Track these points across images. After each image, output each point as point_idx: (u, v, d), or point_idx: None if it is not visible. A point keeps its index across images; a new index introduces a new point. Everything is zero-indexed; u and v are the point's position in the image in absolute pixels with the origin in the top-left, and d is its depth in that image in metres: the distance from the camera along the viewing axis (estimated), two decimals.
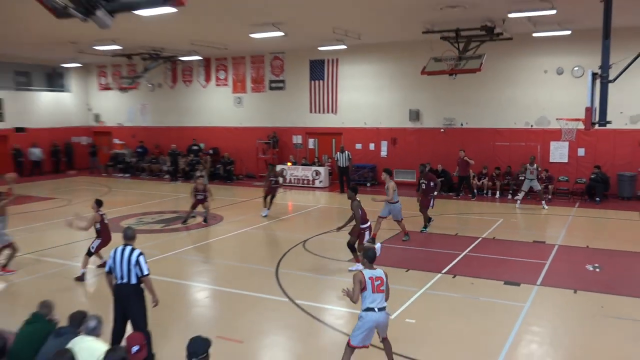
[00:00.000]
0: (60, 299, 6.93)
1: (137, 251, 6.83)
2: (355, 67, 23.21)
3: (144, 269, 6.75)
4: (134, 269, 6.72)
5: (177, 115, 28.00)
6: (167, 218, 16.45)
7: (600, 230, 15.00)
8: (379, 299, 6.30)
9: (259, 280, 10.41)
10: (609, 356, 7.08)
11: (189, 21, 16.15)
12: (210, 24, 16.93)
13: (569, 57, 19.30)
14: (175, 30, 17.82)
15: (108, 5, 5.46)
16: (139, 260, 6.74)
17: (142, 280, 6.79)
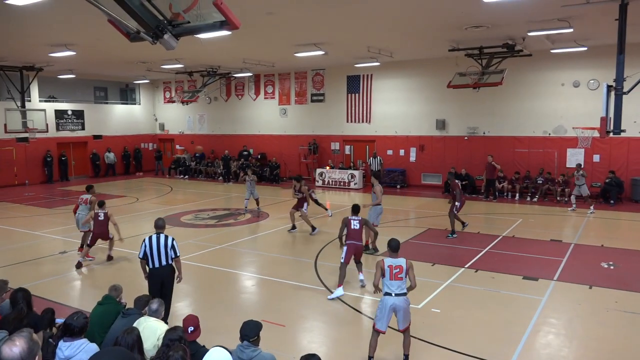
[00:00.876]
0: (125, 283, 7.07)
1: (170, 237, 7.27)
2: (387, 82, 23.02)
3: (177, 251, 7.25)
4: (170, 252, 7.18)
5: (230, 124, 28.37)
6: (220, 214, 16.65)
7: (615, 230, 14.38)
8: (396, 286, 6.12)
9: (299, 270, 10.40)
10: (621, 348, 6.76)
11: (241, 43, 16.34)
12: (260, 44, 17.08)
13: (585, 71, 18.62)
14: (229, 50, 18.07)
15: (174, 30, 5.57)
16: (174, 245, 7.21)
17: (175, 260, 7.25)
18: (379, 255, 11.23)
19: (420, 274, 9.88)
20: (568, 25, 13.29)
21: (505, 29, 14.41)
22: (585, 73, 18.63)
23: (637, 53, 13.26)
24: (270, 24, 13.42)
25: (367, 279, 9.21)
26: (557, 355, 6.58)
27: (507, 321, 7.67)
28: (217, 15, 5.19)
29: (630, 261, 10.78)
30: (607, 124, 10.29)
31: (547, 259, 11.00)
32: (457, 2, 11.34)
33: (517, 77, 19.03)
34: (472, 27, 14.09)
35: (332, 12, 12.34)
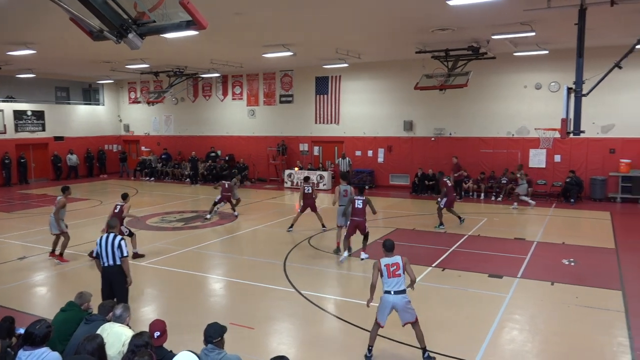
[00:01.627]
0: (92, 290, 6.90)
1: (119, 237, 7.29)
2: (355, 83, 23.18)
3: (124, 251, 7.22)
4: (117, 252, 7.18)
5: (198, 126, 28.03)
6: (188, 217, 16.43)
7: (575, 228, 14.86)
8: (394, 283, 6.27)
9: (268, 272, 10.36)
10: (583, 342, 6.99)
11: (209, 43, 16.17)
12: (228, 45, 16.94)
13: (547, 73, 19.20)
14: (196, 50, 17.85)
15: (138, 29, 5.48)
16: (121, 244, 7.21)
17: (122, 260, 7.22)
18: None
19: None
20: (530, 29, 13.69)
21: (470, 32, 14.72)
22: (547, 76, 19.22)
23: (596, 56, 13.78)
24: (238, 24, 13.33)
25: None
26: (521, 350, 6.76)
27: (473, 318, 7.82)
28: (184, 14, 5.13)
29: (589, 258, 11.16)
30: (567, 125, 10.62)
31: (511, 256, 11.29)
32: (423, 5, 11.52)
33: (482, 79, 19.47)
34: (438, 30, 14.34)
35: (300, 14, 12.35)
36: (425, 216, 16.23)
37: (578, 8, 10.30)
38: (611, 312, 8.02)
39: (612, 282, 9.47)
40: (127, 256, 7.27)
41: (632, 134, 18.29)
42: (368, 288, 6.52)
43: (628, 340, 6.97)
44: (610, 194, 18.57)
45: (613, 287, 9.14)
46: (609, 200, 18.48)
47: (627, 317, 7.76)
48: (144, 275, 10.17)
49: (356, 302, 8.66)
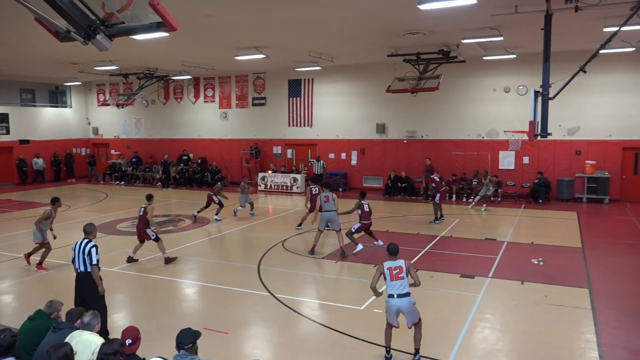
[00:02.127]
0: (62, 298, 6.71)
1: (91, 243, 7.07)
2: (328, 86, 23.26)
3: (93, 258, 6.98)
4: (87, 259, 6.98)
5: (169, 128, 27.66)
6: (159, 221, 16.16)
7: (543, 228, 15.21)
8: (397, 286, 6.32)
9: (242, 276, 10.28)
10: (552, 339, 7.15)
11: (180, 45, 15.98)
12: (199, 47, 16.78)
13: (515, 77, 19.64)
14: (167, 52, 17.62)
15: (107, 30, 5.36)
16: (91, 251, 6.99)
17: (91, 268, 7.00)
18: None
19: (362, 276, 10.06)
20: (498, 33, 14.00)
21: (441, 36, 14.95)
22: (515, 79, 19.66)
23: (562, 61, 14.17)
24: (209, 26, 13.22)
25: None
26: (492, 349, 6.87)
27: (446, 319, 7.92)
28: (154, 16, 5.04)
29: (557, 257, 11.44)
30: (535, 128, 10.88)
31: (482, 257, 11.48)
32: (394, 9, 11.65)
33: (453, 82, 19.78)
34: (409, 34, 14.52)
35: (272, 16, 12.33)
36: (398, 218, 16.38)
37: (544, 14, 10.58)
38: (579, 309, 8.23)
39: (579, 280, 9.73)
40: (96, 264, 7.02)
41: (596, 136, 18.86)
42: (343, 290, 6.54)
43: (595, 336, 7.17)
44: (576, 194, 19.10)
45: (580, 285, 9.38)
46: (575, 200, 19.00)
47: (594, 314, 7.98)
48: (115, 281, 9.96)
49: (331, 305, 8.68)
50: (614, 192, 18.72)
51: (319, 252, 11.87)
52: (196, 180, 25.09)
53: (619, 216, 16.42)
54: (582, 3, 9.61)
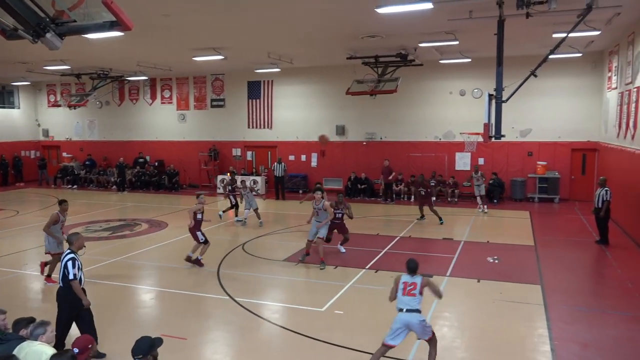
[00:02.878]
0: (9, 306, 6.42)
1: (69, 256, 6.53)
2: (288, 88, 23.24)
3: (69, 274, 6.44)
4: (64, 271, 6.49)
5: (124, 130, 26.93)
6: (115, 226, 15.73)
7: (498, 227, 15.67)
8: (407, 302, 6.13)
9: (201, 281, 10.12)
10: (507, 335, 7.38)
11: (135, 44, 15.61)
12: (156, 47, 16.43)
13: (470, 80, 20.18)
14: (122, 52, 17.16)
15: (57, 28, 5.16)
16: (67, 265, 6.45)
17: (69, 284, 6.46)
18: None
19: (323, 277, 10.09)
20: (454, 37, 14.36)
21: (399, 39, 15.20)
22: (470, 82, 20.21)
23: (514, 65, 14.65)
24: (166, 26, 12.97)
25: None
26: (450, 346, 7.03)
27: None
28: (107, 14, 4.90)
29: (511, 255, 11.83)
30: (489, 130, 11.20)
31: (440, 256, 11.73)
32: (353, 12, 11.75)
33: (411, 85, 20.14)
34: (368, 37, 14.69)
35: (230, 17, 12.22)
36: (358, 219, 16.51)
37: (497, 19, 10.91)
38: (532, 305, 8.53)
39: (532, 277, 10.08)
40: (72, 279, 6.45)
41: (547, 138, 19.62)
42: (304, 292, 6.52)
43: (547, 331, 7.45)
44: (529, 194, 19.79)
45: (533, 282, 9.73)
46: (528, 200, 19.69)
47: (546, 310, 8.29)
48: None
49: (292, 307, 8.67)
50: (563, 191, 19.51)
51: (280, 256, 11.84)
52: (153, 184, 24.53)
53: (568, 215, 17.12)
54: (532, 10, 9.96)
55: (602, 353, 6.78)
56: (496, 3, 10.26)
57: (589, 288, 9.94)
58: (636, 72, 13.31)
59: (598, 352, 6.82)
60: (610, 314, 8.14)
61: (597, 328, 7.57)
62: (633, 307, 8.43)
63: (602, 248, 12.41)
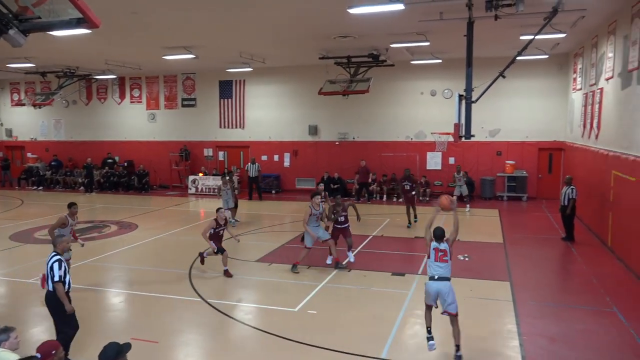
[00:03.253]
0: None
1: (54, 257, 6.39)
2: (260, 87, 23.13)
3: (55, 275, 6.30)
4: (50, 275, 6.31)
5: (92, 130, 26.32)
6: (82, 228, 15.35)
7: (468, 225, 15.90)
8: (439, 268, 6.58)
9: (172, 282, 9.98)
10: (477, 331, 7.50)
11: (103, 42, 15.29)
12: (124, 45, 16.13)
13: (441, 81, 20.48)
14: (89, 50, 16.77)
15: (21, 25, 4.99)
16: (53, 267, 6.30)
17: (54, 286, 6.29)
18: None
19: (296, 277, 10.09)
20: (425, 39, 14.54)
21: (371, 40, 15.31)
22: (441, 83, 20.51)
23: (483, 66, 14.91)
24: (135, 24, 12.75)
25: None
26: (423, 344, 7.10)
27: (378, 316, 8.11)
28: (73, 11, 4.78)
29: (481, 253, 12.05)
30: (459, 130, 11.38)
31: (412, 255, 11.86)
32: (325, 12, 11.78)
33: (383, 85, 20.31)
34: (340, 37, 14.75)
35: (201, 16, 12.09)
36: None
37: (467, 21, 11.11)
38: (501, 301, 8.71)
39: (501, 274, 10.29)
40: (58, 281, 6.28)
41: (515, 138, 20.07)
42: (277, 293, 6.49)
43: (516, 326, 7.62)
44: (498, 192, 20.20)
45: (502, 279, 9.94)
46: (497, 198, 20.09)
47: (515, 306, 8.48)
48: (33, 293, 9.33)
49: (265, 308, 8.64)
50: (531, 190, 19.99)
51: (253, 256, 11.78)
52: (122, 184, 24.07)
53: (535, 213, 17.54)
54: (501, 12, 10.17)
55: (568, 347, 6.98)
56: (466, 5, 10.44)
57: (555, 284, 10.21)
58: (600, 73, 13.74)
59: (565, 345, 7.01)
60: (576, 309, 8.38)
61: (563, 322, 7.78)
62: (597, 301, 8.70)
63: (568, 245, 12.77)
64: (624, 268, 10.56)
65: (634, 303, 8.61)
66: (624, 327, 7.57)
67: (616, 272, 10.36)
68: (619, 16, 11.85)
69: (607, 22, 12.84)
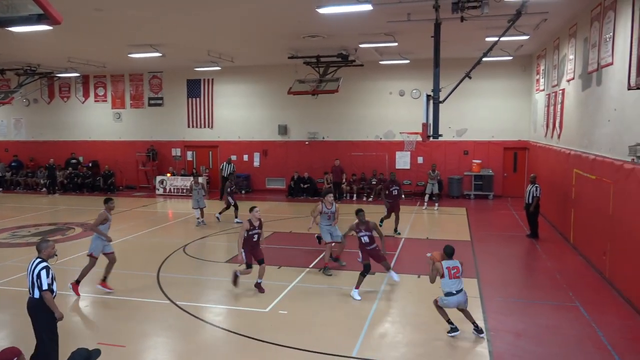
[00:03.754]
0: None
1: (41, 264, 6.11)
2: (229, 86, 22.91)
3: (43, 283, 6.01)
4: (37, 282, 6.03)
5: (55, 130, 25.55)
6: (45, 230, 14.91)
7: (437, 224, 16.19)
8: (455, 284, 7.17)
9: (140, 285, 9.79)
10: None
11: (66, 39, 14.86)
12: (88, 43, 15.71)
13: (409, 81, 20.72)
14: (51, 47, 16.28)
15: None
16: (40, 274, 6.02)
17: (42, 294, 6.02)
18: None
19: (267, 278, 10.02)
20: (393, 39, 14.68)
21: (340, 39, 15.35)
22: (409, 83, 20.75)
23: (450, 67, 15.16)
24: (99, 21, 12.43)
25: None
26: (393, 341, 7.19)
27: (349, 314, 8.14)
28: (34, 7, 4.62)
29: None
30: (427, 129, 11.53)
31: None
32: (294, 11, 11.76)
33: (352, 85, 20.41)
34: (309, 37, 14.75)
35: (168, 14, 11.89)
36: (301, 219, 16.53)
37: (434, 22, 11.25)
38: (469, 298, 8.83)
39: (468, 271, 10.43)
40: (47, 289, 6.03)
41: (481, 137, 20.48)
42: (247, 294, 6.45)
43: (484, 322, 7.76)
44: (465, 191, 20.57)
45: (470, 276, 10.09)
46: (464, 197, 20.46)
47: (482, 302, 8.65)
48: None
49: (236, 309, 8.57)
50: (497, 188, 20.43)
51: (223, 257, 11.67)
52: (87, 186, 23.46)
53: (501, 210, 17.94)
54: (466, 14, 10.35)
55: (534, 341, 7.16)
56: (433, 7, 10.58)
57: (521, 280, 10.46)
58: (561, 75, 14.15)
59: (530, 340, 7.19)
60: (541, 304, 8.60)
61: (529, 318, 7.98)
62: (561, 296, 8.96)
63: (533, 242, 13.10)
64: (586, 263, 10.91)
65: (594, 297, 8.90)
66: (586, 321, 7.82)
67: (578, 268, 10.70)
68: (579, 19, 12.23)
69: (568, 25, 13.24)
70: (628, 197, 8.46)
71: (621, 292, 8.85)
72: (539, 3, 10.85)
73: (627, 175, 8.50)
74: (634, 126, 8.51)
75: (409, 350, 6.88)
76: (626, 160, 8.68)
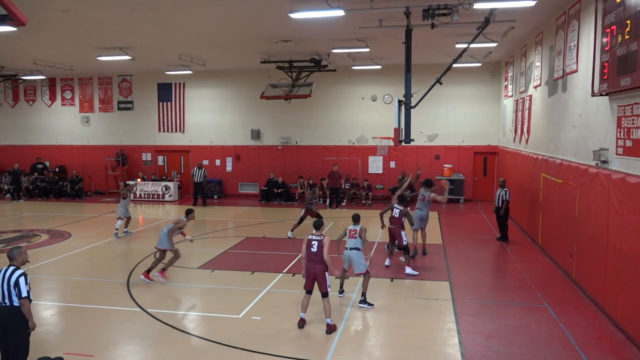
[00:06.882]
0: None
1: (17, 272, 5.94)
2: (201, 91, 22.71)
3: (22, 290, 5.87)
4: (14, 290, 5.86)
5: (20, 134, 24.83)
6: (9, 237, 14.45)
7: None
8: (352, 243, 8.95)
9: (110, 292, 9.57)
10: (419, 330, 7.70)
11: (31, 41, 14.50)
12: (55, 45, 15.36)
13: (381, 86, 20.93)
14: (16, 49, 15.86)
15: None
16: (19, 281, 5.87)
17: (21, 302, 5.87)
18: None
19: (240, 284, 9.95)
20: (365, 45, 14.82)
21: (312, 44, 15.41)
22: (381, 88, 20.95)
23: (421, 72, 15.43)
24: (66, 22, 12.18)
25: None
26: (366, 345, 7.21)
27: (324, 320, 8.12)
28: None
29: (421, 254, 12.35)
30: (399, 134, 11.66)
31: None
32: (266, 16, 11.75)
33: (324, 90, 20.50)
34: (282, 42, 14.75)
35: (137, 16, 11.72)
36: (275, 223, 16.48)
37: (405, 29, 11.42)
38: (441, 301, 8.98)
39: (441, 274, 10.62)
40: (26, 297, 5.90)
41: (452, 142, 20.81)
42: (220, 300, 6.35)
43: (455, 324, 7.87)
44: None
45: (442, 279, 10.25)
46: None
47: (454, 304, 8.77)
48: None
49: (209, 316, 8.46)
50: (468, 192, 20.78)
51: (195, 263, 11.52)
52: (54, 191, 22.85)
53: (472, 214, 18.25)
54: (437, 21, 10.54)
55: (504, 342, 7.28)
56: (404, 13, 10.74)
57: (491, 282, 10.64)
58: (529, 81, 14.52)
59: (500, 341, 7.31)
60: (511, 305, 8.77)
61: (499, 319, 8.13)
62: (530, 298, 9.15)
63: (503, 244, 13.36)
64: (554, 265, 11.18)
65: (561, 298, 9.13)
66: (554, 321, 8.01)
67: (546, 269, 10.95)
68: (545, 28, 12.59)
69: (535, 33, 13.60)
70: (592, 200, 8.72)
71: (587, 293, 9.10)
72: (507, 11, 11.13)
73: (591, 179, 8.76)
74: (597, 131, 8.79)
75: (383, 354, 6.92)
76: (591, 165, 8.95)
